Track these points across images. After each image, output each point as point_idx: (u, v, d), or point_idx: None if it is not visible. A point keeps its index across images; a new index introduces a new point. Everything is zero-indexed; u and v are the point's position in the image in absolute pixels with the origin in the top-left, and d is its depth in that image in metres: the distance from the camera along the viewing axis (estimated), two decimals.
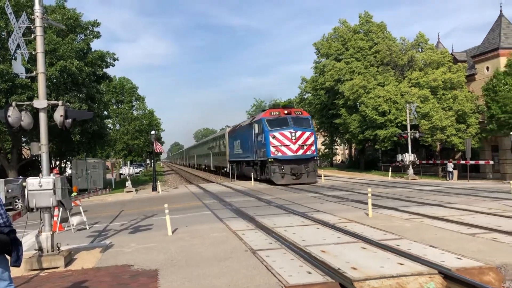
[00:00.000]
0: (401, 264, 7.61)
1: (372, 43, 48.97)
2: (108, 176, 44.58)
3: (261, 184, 30.28)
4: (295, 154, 28.30)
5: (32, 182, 8.86)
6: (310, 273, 7.42)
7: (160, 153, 78.17)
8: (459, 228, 10.73)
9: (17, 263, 5.34)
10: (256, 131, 31.35)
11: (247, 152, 34.39)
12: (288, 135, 28.35)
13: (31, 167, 35.81)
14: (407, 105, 37.07)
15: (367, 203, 13.69)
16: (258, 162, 31.74)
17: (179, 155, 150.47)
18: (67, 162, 41.57)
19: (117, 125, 59.76)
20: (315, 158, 30.02)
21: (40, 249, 9.06)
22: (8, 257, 5.46)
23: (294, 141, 28.33)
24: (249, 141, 33.30)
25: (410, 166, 35.23)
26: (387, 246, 8.99)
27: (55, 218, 12.37)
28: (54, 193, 8.89)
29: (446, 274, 7.03)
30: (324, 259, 8.20)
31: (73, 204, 14.20)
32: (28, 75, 11.38)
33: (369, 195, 13.45)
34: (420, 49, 46.59)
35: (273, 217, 14.05)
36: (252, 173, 32.24)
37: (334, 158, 73.04)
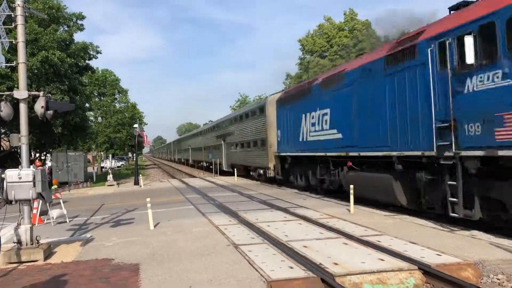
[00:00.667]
0: (382, 260, 7.69)
1: (356, 40, 49.24)
2: (90, 169, 44.04)
3: (244, 179, 30.26)
4: None
5: (11, 174, 8.71)
6: (292, 268, 7.46)
7: (143, 147, 77.38)
8: (438, 225, 10.89)
9: None
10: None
11: (373, 134, 13.37)
12: None
13: (10, 159, 35.17)
14: None
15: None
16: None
17: (165, 148, 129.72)
18: (48, 155, 40.91)
19: (99, 118, 59.01)
20: None
21: (19, 242, 8.91)
22: None
23: None
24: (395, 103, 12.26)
25: None
26: (368, 242, 9.08)
27: (34, 211, 12.18)
28: (34, 186, 8.75)
29: (426, 270, 7.14)
30: (306, 254, 8.24)
31: (53, 197, 13.99)
32: (8, 65, 11.14)
33: (351, 191, 13.54)
34: None
35: (256, 212, 14.07)
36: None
37: None
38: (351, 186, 13.61)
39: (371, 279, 6.91)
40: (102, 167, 57.51)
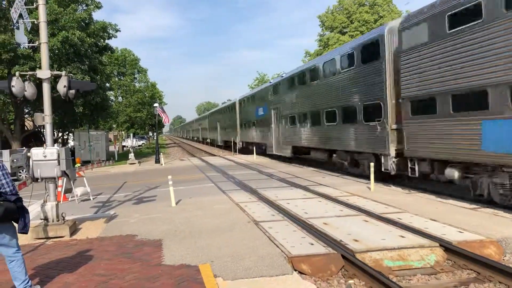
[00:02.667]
0: (403, 236, 7.68)
1: (377, 16, 48.28)
2: (111, 148, 44.73)
3: (263, 158, 30.31)
4: None
5: (36, 153, 8.89)
6: (312, 244, 7.51)
7: (163, 126, 77.71)
8: (460, 202, 10.78)
9: (24, 229, 5.43)
10: None
11: None
12: None
13: (34, 139, 35.93)
14: None
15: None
16: None
17: (188, 127, 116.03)
18: (70, 134, 41.63)
19: (120, 98, 59.52)
20: None
21: (46, 218, 9.16)
22: (15, 224, 5.54)
23: None
24: None
25: None
26: (388, 219, 9.06)
27: (59, 189, 12.46)
28: (59, 164, 8.93)
29: (447, 247, 7.11)
30: (326, 231, 8.29)
31: (77, 175, 14.27)
32: (31, 45, 11.28)
33: (372, 169, 13.46)
34: None
35: (276, 190, 14.14)
36: None
37: None
38: (372, 169, 13.40)
39: (392, 255, 6.92)
40: (123, 146, 58.30)
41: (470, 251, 6.87)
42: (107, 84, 39.80)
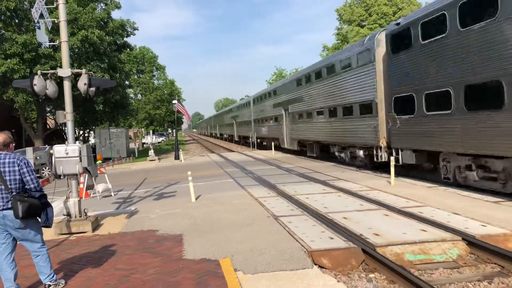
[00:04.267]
0: (424, 230, 7.59)
1: (396, 8, 47.64)
2: (131, 145, 45.24)
3: (281, 153, 30.27)
4: None
5: (58, 150, 9.04)
6: (332, 238, 7.48)
7: (182, 123, 78.07)
8: (483, 196, 10.60)
9: (47, 223, 5.56)
10: None
11: None
12: None
13: (56, 137, 36.60)
14: None
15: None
16: None
17: (210, 121, 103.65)
18: (91, 132, 42.25)
19: (139, 95, 60.11)
20: None
21: (69, 214, 9.33)
22: (39, 220, 5.66)
23: None
24: None
25: None
26: (409, 213, 8.97)
27: (81, 185, 12.67)
28: (80, 160, 9.07)
29: (470, 241, 7.00)
30: (346, 225, 8.24)
31: (98, 172, 14.50)
32: (52, 43, 11.47)
33: (392, 163, 13.33)
34: None
35: (294, 185, 14.12)
36: None
37: None
38: (392, 163, 13.38)
39: (413, 249, 6.84)
40: (143, 143, 58.91)
41: (494, 244, 6.75)
42: (127, 82, 40.22)
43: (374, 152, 15.96)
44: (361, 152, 17.42)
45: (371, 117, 15.97)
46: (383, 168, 16.37)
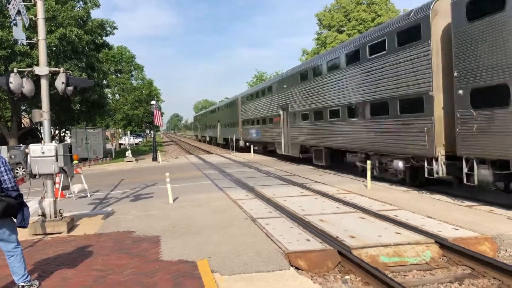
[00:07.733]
0: (399, 233, 7.75)
1: (375, 14, 48.36)
2: (108, 146, 44.67)
3: (260, 156, 30.34)
4: None
5: (34, 149, 8.90)
6: (309, 240, 7.57)
7: (158, 127, 77.14)
8: (457, 200, 10.86)
9: (22, 223, 5.50)
10: None
11: None
12: None
13: (31, 136, 35.87)
14: None
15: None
16: None
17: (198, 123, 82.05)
18: (67, 131, 41.57)
19: (117, 95, 59.47)
20: None
21: (43, 214, 9.18)
22: (15, 220, 5.58)
23: None
24: None
25: None
26: (385, 216, 9.13)
27: (56, 185, 12.48)
28: (57, 160, 8.95)
29: (443, 244, 7.18)
30: (323, 227, 8.34)
31: (74, 172, 14.29)
32: (28, 41, 11.32)
33: (368, 167, 13.53)
34: None
35: (273, 187, 14.20)
36: None
37: None
38: (368, 167, 13.58)
39: (388, 251, 6.98)
40: (120, 144, 58.24)
41: (465, 247, 6.94)
42: (104, 82, 39.77)
43: (425, 164, 11.99)
44: (400, 164, 13.35)
45: (421, 116, 11.92)
46: (433, 185, 12.84)
